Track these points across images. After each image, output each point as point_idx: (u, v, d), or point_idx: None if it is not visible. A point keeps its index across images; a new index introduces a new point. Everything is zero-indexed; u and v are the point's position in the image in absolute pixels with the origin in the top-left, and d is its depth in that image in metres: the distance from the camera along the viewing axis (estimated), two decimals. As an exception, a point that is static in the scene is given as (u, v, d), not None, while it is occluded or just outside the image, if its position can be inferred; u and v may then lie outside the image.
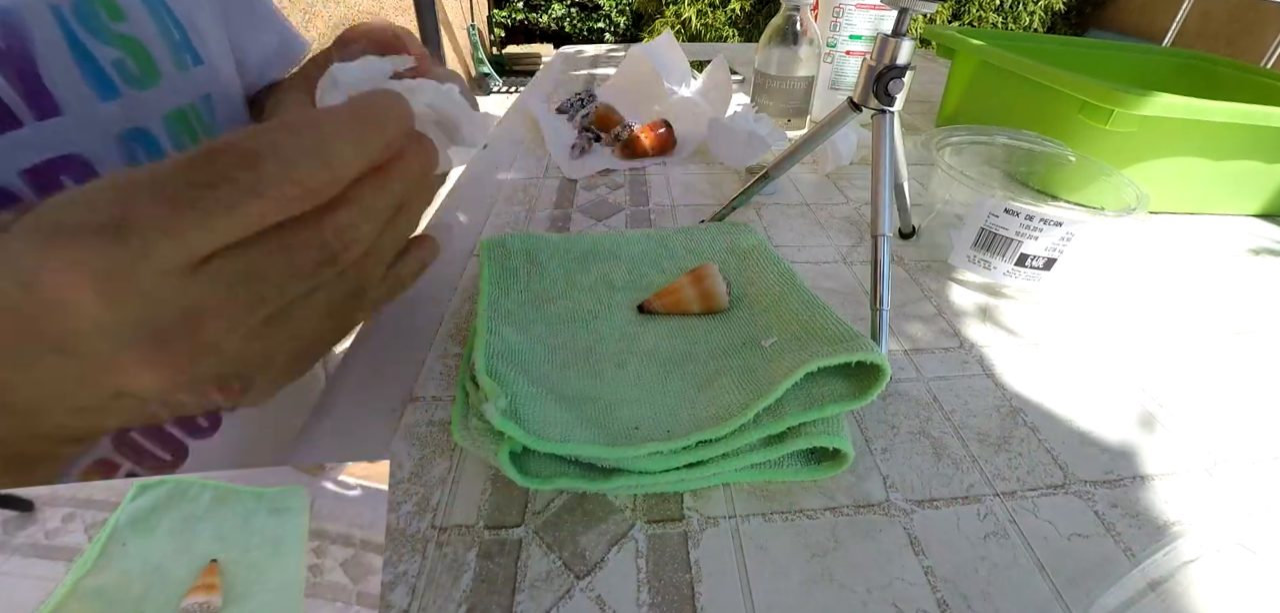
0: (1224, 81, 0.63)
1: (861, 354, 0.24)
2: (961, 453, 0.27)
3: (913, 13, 0.31)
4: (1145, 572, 0.22)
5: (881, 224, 0.32)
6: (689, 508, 0.24)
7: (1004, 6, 3.34)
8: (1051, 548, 0.23)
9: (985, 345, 0.34)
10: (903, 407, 0.29)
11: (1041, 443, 0.28)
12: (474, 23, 3.91)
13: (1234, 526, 0.24)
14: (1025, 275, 0.37)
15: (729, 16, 3.19)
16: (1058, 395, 0.30)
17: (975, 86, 0.65)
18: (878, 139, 0.34)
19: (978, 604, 0.21)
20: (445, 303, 0.35)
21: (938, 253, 0.43)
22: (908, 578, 0.22)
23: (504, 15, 4.33)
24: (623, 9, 4.12)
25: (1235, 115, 0.46)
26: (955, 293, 0.39)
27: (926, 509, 0.24)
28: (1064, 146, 0.45)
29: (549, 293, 0.33)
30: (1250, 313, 0.39)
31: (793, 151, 0.42)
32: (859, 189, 0.53)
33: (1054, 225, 0.34)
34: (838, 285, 0.39)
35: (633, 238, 0.38)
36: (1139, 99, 0.44)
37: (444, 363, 0.30)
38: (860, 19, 0.64)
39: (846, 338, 0.25)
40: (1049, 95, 0.52)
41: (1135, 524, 0.24)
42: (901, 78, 0.33)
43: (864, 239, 0.45)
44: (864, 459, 0.26)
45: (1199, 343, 0.36)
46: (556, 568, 0.22)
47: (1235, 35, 2.81)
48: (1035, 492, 0.25)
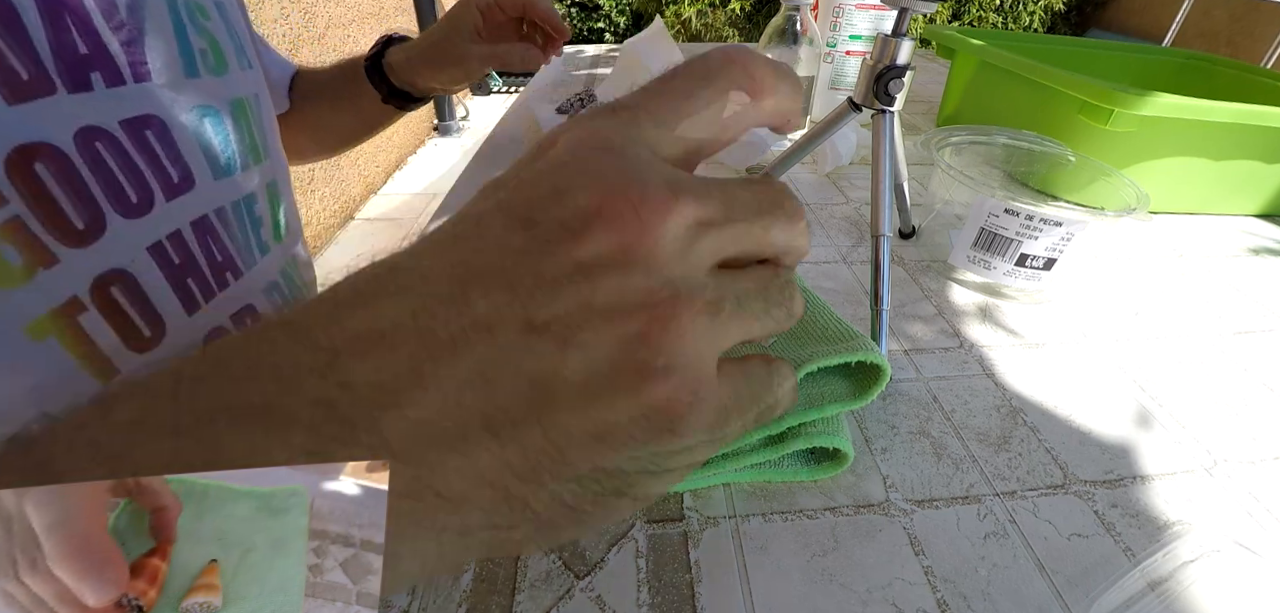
0: (1224, 81, 0.63)
1: (862, 354, 0.24)
2: (961, 453, 0.27)
3: (913, 13, 0.31)
4: (1145, 572, 0.22)
5: (881, 224, 0.32)
6: (689, 508, 0.24)
7: (1004, 6, 3.34)
8: (1051, 548, 0.23)
9: (985, 345, 0.34)
10: (903, 407, 0.29)
11: (1041, 443, 0.28)
12: (474, 23, 3.90)
13: (1234, 526, 0.24)
14: (1025, 275, 0.37)
15: (729, 16, 3.19)
16: (1058, 395, 0.30)
17: (975, 86, 0.65)
18: (878, 139, 0.34)
19: (978, 604, 0.21)
20: (445, 303, 0.35)
21: (938, 253, 0.43)
22: (908, 578, 0.22)
23: (504, 15, 4.32)
24: (623, 9, 4.11)
25: (1235, 115, 0.46)
26: (955, 293, 0.39)
27: (926, 509, 0.24)
28: (1064, 147, 0.45)
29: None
30: (1250, 313, 0.39)
31: (793, 152, 0.42)
32: (859, 189, 0.53)
33: (1054, 225, 0.34)
34: (838, 285, 0.39)
35: None
36: (1139, 99, 0.44)
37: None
38: (860, 19, 0.64)
39: (846, 337, 0.25)
40: (1049, 95, 0.52)
41: (1135, 524, 0.24)
42: (901, 78, 0.33)
43: (864, 239, 0.45)
44: (864, 459, 0.26)
45: (1199, 343, 0.36)
46: (556, 568, 0.22)
47: (1235, 35, 2.81)
48: (1035, 492, 0.25)
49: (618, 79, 0.70)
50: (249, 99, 0.35)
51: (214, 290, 0.32)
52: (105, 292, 0.26)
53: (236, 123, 0.33)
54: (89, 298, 0.25)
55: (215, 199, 0.32)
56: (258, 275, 0.35)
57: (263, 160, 0.36)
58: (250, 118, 0.35)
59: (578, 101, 0.69)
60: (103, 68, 0.25)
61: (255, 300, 0.35)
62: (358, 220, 2.35)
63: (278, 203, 0.39)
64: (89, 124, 0.25)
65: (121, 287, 0.26)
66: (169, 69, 0.28)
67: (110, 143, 0.25)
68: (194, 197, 0.30)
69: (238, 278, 0.34)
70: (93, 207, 0.25)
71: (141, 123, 0.27)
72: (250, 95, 0.35)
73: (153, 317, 0.28)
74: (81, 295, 0.25)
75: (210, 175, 0.31)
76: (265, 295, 0.36)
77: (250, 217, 0.35)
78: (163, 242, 0.28)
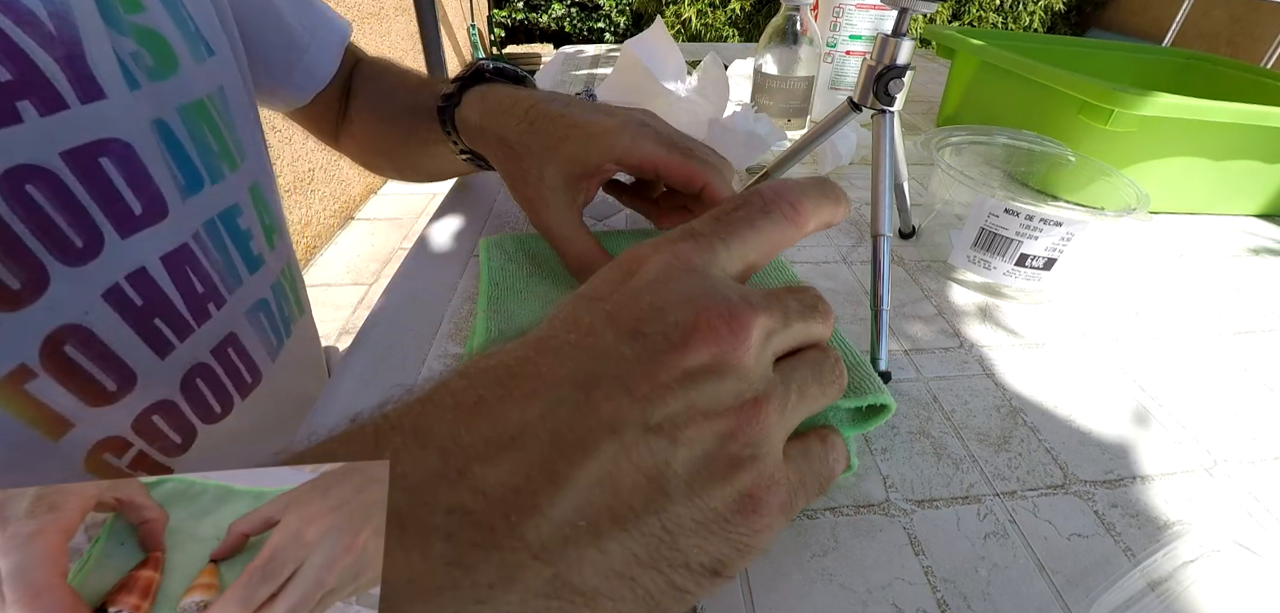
0: (1224, 81, 0.63)
1: (872, 398, 0.23)
2: (961, 453, 0.27)
3: (913, 13, 0.31)
4: (1145, 572, 0.22)
5: (881, 224, 0.32)
6: (689, 508, 0.24)
7: (1004, 6, 3.34)
8: (1051, 548, 0.23)
9: (985, 345, 0.34)
10: (903, 407, 0.29)
11: (1041, 443, 0.28)
12: (474, 23, 3.91)
13: (1234, 526, 0.24)
14: (1025, 275, 0.37)
15: (729, 16, 3.19)
16: (1058, 395, 0.30)
17: (975, 86, 0.65)
18: (878, 139, 0.34)
19: (978, 604, 0.21)
20: (445, 303, 0.35)
21: (938, 253, 0.43)
22: (908, 578, 0.22)
23: (504, 15, 4.33)
24: (623, 9, 4.12)
25: (1235, 115, 0.45)
26: (955, 293, 0.39)
27: (926, 509, 0.24)
28: (1064, 147, 0.45)
29: (550, 293, 0.33)
30: (1250, 313, 0.39)
31: (793, 152, 0.42)
32: (859, 189, 0.53)
33: (1054, 225, 0.34)
34: (838, 285, 0.39)
35: (634, 238, 0.38)
36: (1139, 99, 0.44)
37: (444, 363, 0.30)
38: (860, 19, 0.64)
39: (853, 366, 0.24)
40: (1049, 95, 0.52)
41: (1135, 524, 0.24)
42: (901, 78, 0.33)
43: (864, 239, 0.45)
44: (864, 459, 0.26)
45: (1199, 343, 0.36)
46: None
47: (1235, 35, 2.80)
48: (1035, 492, 0.25)
49: (618, 79, 0.70)
50: (210, 96, 0.30)
51: (191, 326, 0.29)
52: (56, 352, 0.23)
53: (198, 130, 0.29)
54: (38, 363, 0.22)
55: (191, 222, 0.28)
56: (244, 297, 0.32)
57: (241, 163, 0.32)
58: (216, 117, 0.30)
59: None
60: (34, 94, 0.21)
61: (238, 328, 0.32)
62: (357, 220, 2.36)
63: (264, 206, 0.35)
64: (19, 163, 0.21)
65: (76, 342, 0.23)
66: (115, 81, 0.24)
67: (47, 182, 0.22)
68: (167, 226, 0.27)
69: (221, 306, 0.30)
70: (29, 261, 0.21)
71: (94, 150, 0.23)
72: (212, 91, 0.30)
73: (116, 367, 0.25)
74: (29, 362, 0.22)
75: (180, 197, 0.27)
76: (249, 320, 0.33)
77: (234, 232, 0.31)
78: (121, 284, 0.25)
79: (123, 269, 0.25)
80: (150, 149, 0.26)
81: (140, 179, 0.25)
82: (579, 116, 0.30)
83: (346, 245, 2.17)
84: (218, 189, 0.30)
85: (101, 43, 0.23)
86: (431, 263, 0.39)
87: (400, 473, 0.13)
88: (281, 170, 1.87)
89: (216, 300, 0.30)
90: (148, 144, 0.25)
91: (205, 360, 0.30)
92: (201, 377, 0.30)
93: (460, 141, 0.37)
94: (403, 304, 0.35)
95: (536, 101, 0.32)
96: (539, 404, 0.14)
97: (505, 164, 0.33)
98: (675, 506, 0.15)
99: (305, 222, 2.01)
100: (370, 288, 1.92)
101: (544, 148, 0.30)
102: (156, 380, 0.27)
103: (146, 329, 0.26)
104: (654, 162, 0.29)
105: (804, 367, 0.18)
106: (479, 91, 0.35)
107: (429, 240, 0.41)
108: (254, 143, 0.34)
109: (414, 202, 2.45)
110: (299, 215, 1.97)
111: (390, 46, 2.79)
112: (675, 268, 0.17)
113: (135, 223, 0.25)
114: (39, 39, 0.21)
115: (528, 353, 0.16)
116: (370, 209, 2.43)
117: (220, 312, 0.30)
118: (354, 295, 1.89)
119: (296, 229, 1.96)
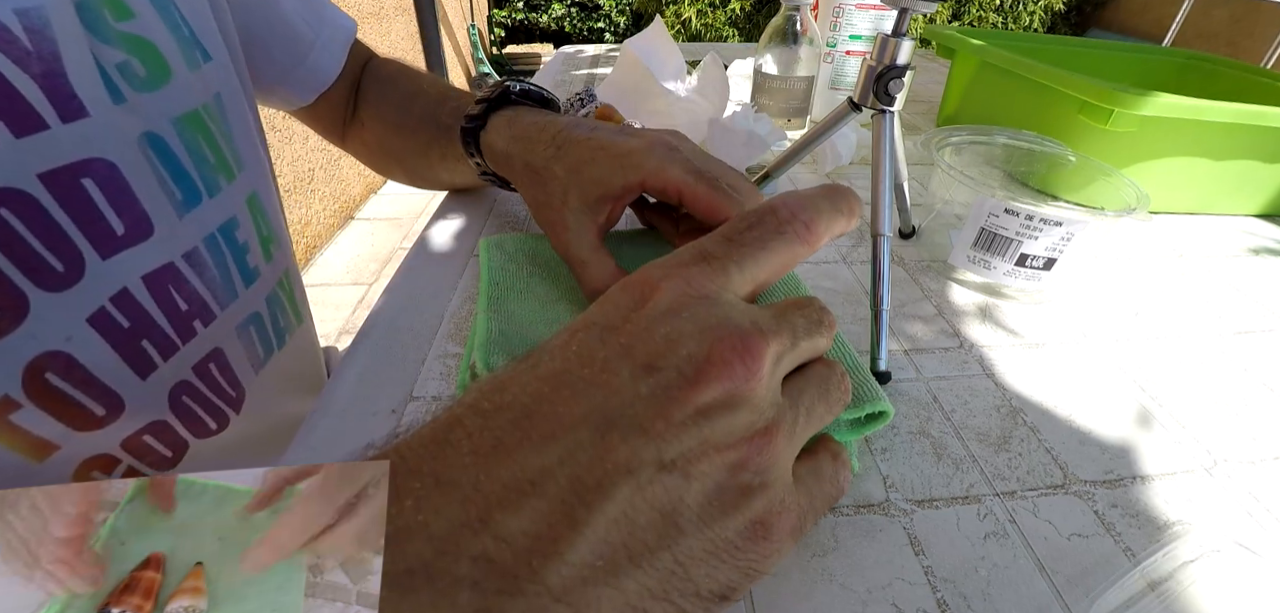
0: (1224, 81, 0.63)
1: (871, 406, 0.23)
2: (961, 453, 0.27)
3: (913, 13, 0.31)
4: (1145, 572, 0.22)
5: (881, 224, 0.32)
6: (689, 508, 0.24)
7: (1004, 6, 3.34)
8: (1051, 548, 0.23)
9: (985, 345, 0.34)
10: (903, 407, 0.29)
11: (1041, 443, 0.28)
12: (474, 23, 3.91)
13: (1234, 526, 0.24)
14: (1025, 275, 0.37)
15: (729, 16, 3.19)
16: (1058, 395, 0.30)
17: (975, 86, 0.65)
18: (878, 139, 0.34)
19: (978, 604, 0.21)
20: (445, 303, 0.35)
21: (938, 253, 0.43)
22: (908, 578, 0.22)
23: (504, 15, 4.33)
24: (623, 9, 4.12)
25: (1235, 115, 0.46)
26: (955, 293, 0.39)
27: (926, 509, 0.24)
28: (1064, 147, 0.45)
29: (550, 293, 0.33)
30: (1250, 313, 0.39)
31: (793, 152, 0.42)
32: (859, 189, 0.53)
33: (1054, 225, 0.34)
34: (838, 285, 0.39)
35: (640, 241, 0.38)
36: (1139, 99, 0.44)
37: (444, 363, 0.30)
38: (860, 19, 0.64)
39: (850, 371, 0.24)
40: (1049, 95, 0.52)
41: (1135, 524, 0.24)
42: (901, 78, 0.33)
43: (864, 239, 0.45)
44: (864, 459, 0.26)
45: (1199, 343, 0.36)
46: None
47: (1235, 35, 2.81)
48: (1035, 492, 0.25)
49: (618, 79, 0.70)
50: (206, 107, 0.29)
51: (176, 345, 0.28)
52: (40, 380, 0.22)
53: (194, 141, 0.28)
54: (22, 393, 0.22)
55: (183, 241, 0.27)
56: (235, 312, 0.32)
57: (238, 173, 0.31)
58: (212, 127, 0.29)
59: (578, 101, 0.69)
60: (7, 115, 0.20)
61: (224, 344, 0.31)
62: (357, 220, 2.36)
63: (262, 216, 0.34)
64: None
65: (60, 370, 0.23)
66: (98, 98, 0.23)
67: (23, 205, 0.21)
68: (152, 246, 0.26)
69: (209, 323, 0.30)
70: (5, 288, 0.21)
71: (75, 171, 0.22)
72: (208, 100, 0.29)
73: (103, 393, 0.25)
74: (12, 394, 0.22)
75: (174, 215, 0.27)
76: (238, 336, 0.32)
77: (232, 246, 0.31)
78: (106, 307, 0.24)
79: (107, 292, 0.24)
80: (136, 166, 0.25)
81: (124, 199, 0.24)
82: (605, 139, 0.30)
83: (346, 245, 2.17)
84: (214, 203, 0.29)
85: (84, 56, 0.22)
86: (431, 263, 0.39)
87: (422, 523, 0.13)
88: (281, 170, 1.86)
89: (204, 317, 0.29)
90: (134, 161, 0.25)
91: (187, 378, 0.29)
92: (187, 394, 0.29)
93: (483, 164, 0.36)
94: (403, 304, 0.35)
95: (564, 127, 0.31)
96: (557, 448, 0.14)
97: (530, 189, 0.33)
98: (688, 538, 0.15)
99: (305, 221, 2.01)
100: (370, 288, 1.92)
101: (569, 171, 0.30)
102: (144, 403, 0.27)
103: (131, 351, 0.26)
104: (679, 188, 0.28)
105: (811, 387, 0.19)
106: (506, 116, 0.34)
107: (429, 240, 0.41)
108: (252, 150, 0.33)
109: (414, 202, 2.45)
110: (299, 215, 1.97)
111: (390, 46, 2.78)
112: (688, 296, 0.17)
113: (117, 243, 0.24)
114: (13, 56, 0.20)
115: (543, 390, 0.16)
116: (370, 209, 2.43)
117: (207, 329, 0.30)
118: (354, 295, 1.89)
119: (296, 229, 1.95)
